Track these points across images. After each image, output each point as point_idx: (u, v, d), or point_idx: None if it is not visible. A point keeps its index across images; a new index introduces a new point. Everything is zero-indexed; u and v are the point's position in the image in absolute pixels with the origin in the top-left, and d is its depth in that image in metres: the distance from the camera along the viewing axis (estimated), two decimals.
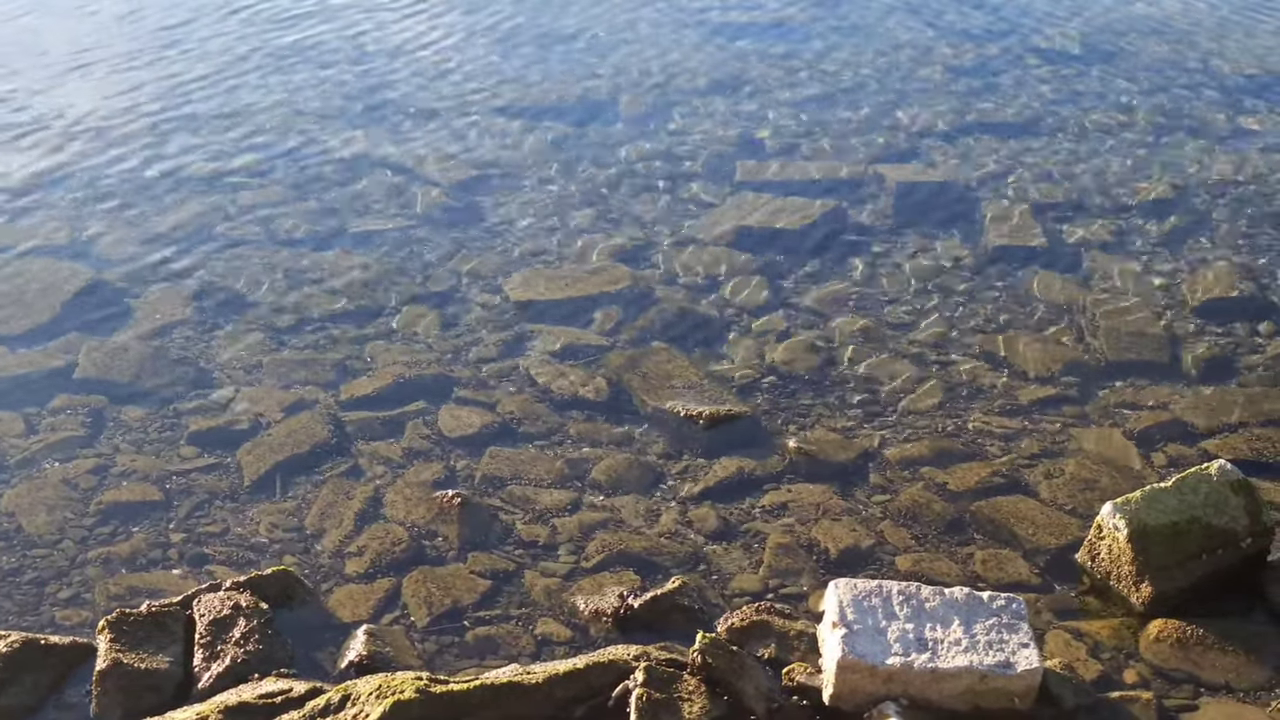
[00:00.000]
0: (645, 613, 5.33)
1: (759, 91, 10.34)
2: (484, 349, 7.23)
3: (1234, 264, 7.99)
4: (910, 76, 10.56)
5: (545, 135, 9.65)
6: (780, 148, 9.50)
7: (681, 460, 6.39)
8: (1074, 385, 6.93)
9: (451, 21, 11.66)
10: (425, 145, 9.48)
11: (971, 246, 8.27)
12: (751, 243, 8.30)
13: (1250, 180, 8.96)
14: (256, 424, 6.59)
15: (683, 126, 9.80)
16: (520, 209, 8.69)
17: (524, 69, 10.72)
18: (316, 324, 7.44)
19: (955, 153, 9.39)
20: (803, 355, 7.19)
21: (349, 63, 10.83)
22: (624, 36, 11.33)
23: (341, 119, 9.87)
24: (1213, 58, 10.77)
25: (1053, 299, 7.71)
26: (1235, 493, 5.41)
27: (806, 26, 11.51)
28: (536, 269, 8.00)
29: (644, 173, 9.16)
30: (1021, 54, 10.93)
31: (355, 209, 8.66)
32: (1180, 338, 7.32)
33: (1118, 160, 9.25)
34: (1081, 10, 11.78)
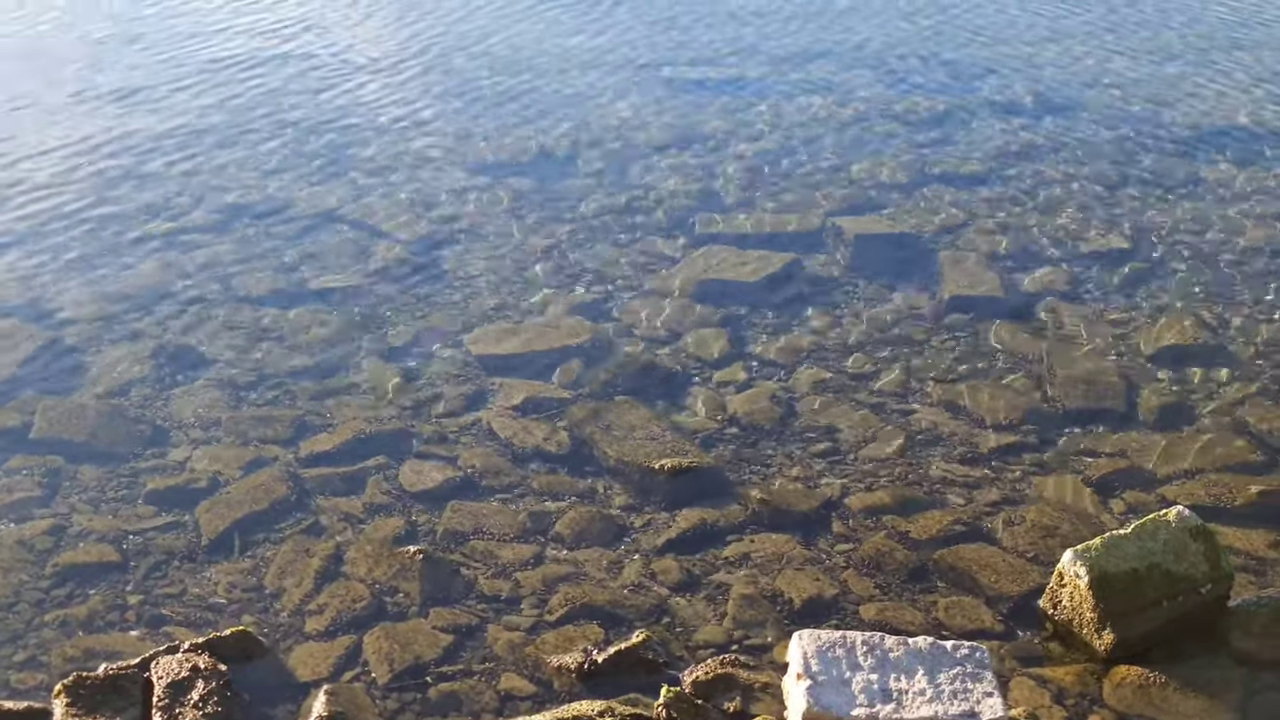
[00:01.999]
0: (610, 667, 5.30)
1: (717, 145, 10.41)
2: (445, 403, 7.21)
3: (1188, 312, 8.08)
4: (867, 130, 10.66)
5: (504, 190, 9.68)
6: (739, 200, 9.57)
7: (644, 512, 6.38)
8: (1033, 433, 6.98)
9: (411, 79, 11.71)
10: (385, 201, 9.49)
11: (929, 296, 8.33)
12: (712, 295, 8.33)
13: (1203, 229, 9.08)
14: (215, 482, 6.54)
15: (642, 180, 9.85)
16: (480, 263, 8.70)
17: (483, 125, 10.76)
18: (276, 380, 7.41)
19: (912, 204, 9.48)
20: (764, 406, 7.21)
21: (309, 119, 10.84)
22: (582, 92, 11.40)
23: (301, 175, 9.87)
24: (1163, 109, 10.94)
25: (1010, 348, 7.77)
26: (1194, 539, 5.44)
27: (763, 81, 11.62)
28: (497, 323, 8.00)
29: (604, 226, 9.19)
30: (976, 107, 11.06)
31: (315, 265, 8.65)
32: (1137, 385, 7.38)
33: (1072, 210, 9.35)
34: (1033, 64, 11.94)
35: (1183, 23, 12.89)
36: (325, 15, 13.34)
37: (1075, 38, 12.55)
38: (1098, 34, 12.65)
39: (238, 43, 12.56)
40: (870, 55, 12.14)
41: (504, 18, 13.25)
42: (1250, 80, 11.46)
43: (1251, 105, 10.96)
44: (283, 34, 12.81)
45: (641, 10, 13.41)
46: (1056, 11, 13.23)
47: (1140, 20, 12.97)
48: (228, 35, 12.76)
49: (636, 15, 13.28)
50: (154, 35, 12.72)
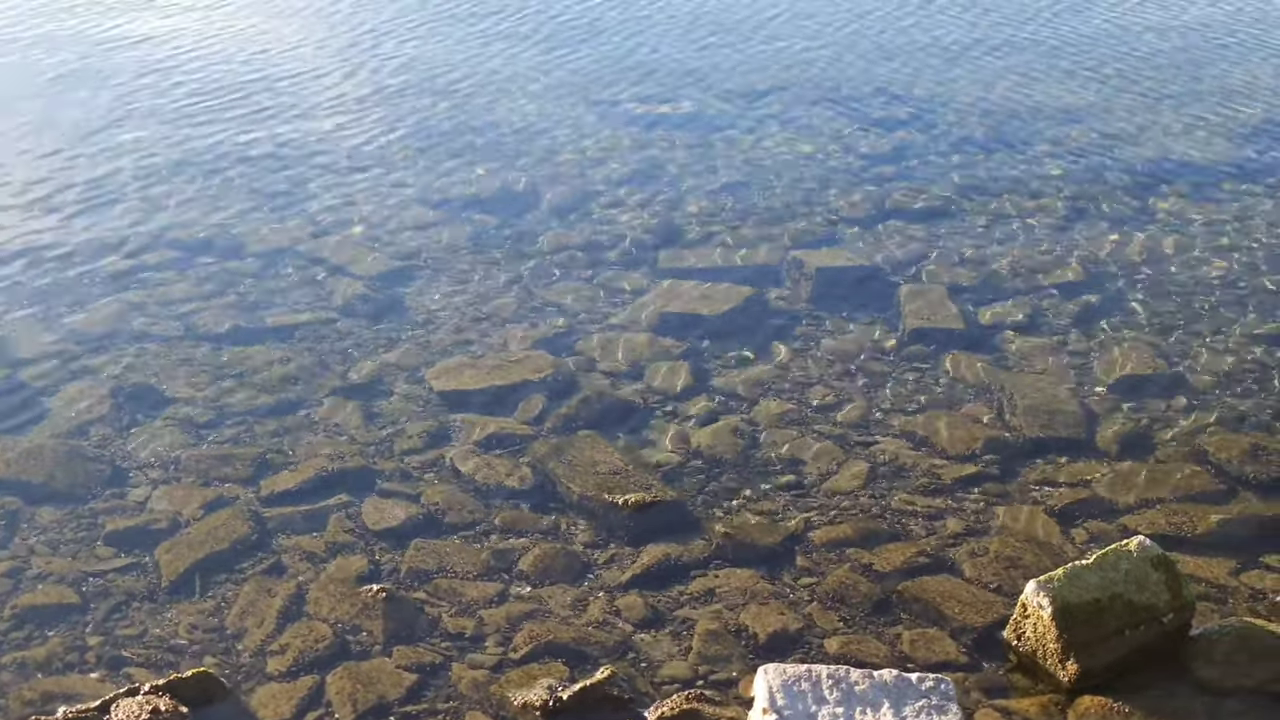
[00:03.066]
0: (575, 704, 5.27)
1: (678, 180, 10.45)
2: (407, 440, 7.18)
3: (1145, 342, 8.16)
4: (827, 164, 10.73)
5: (466, 226, 9.68)
6: (701, 235, 9.60)
7: (608, 548, 6.36)
8: (995, 464, 7.01)
9: (372, 115, 11.71)
10: (345, 237, 9.48)
11: (890, 329, 8.38)
12: (674, 329, 8.35)
13: (1158, 260, 9.18)
14: (175, 522, 6.48)
15: (604, 215, 9.88)
16: (442, 299, 8.69)
17: (444, 161, 10.77)
18: (236, 419, 7.36)
19: (872, 237, 9.54)
20: (727, 439, 7.21)
21: (268, 155, 10.82)
22: (544, 128, 11.43)
23: (260, 211, 9.84)
24: (1118, 144, 11.07)
25: (971, 379, 7.81)
26: (1155, 568, 5.47)
27: (724, 116, 11.69)
28: (459, 359, 7.99)
29: (566, 261, 9.20)
30: (934, 141, 11.16)
31: (275, 302, 8.61)
32: (1096, 415, 7.44)
33: (1030, 243, 9.44)
34: (989, 99, 12.06)
35: (1138, 60, 13.06)
36: (282, 51, 13.33)
37: (1032, 74, 12.69)
38: (1054, 70, 12.80)
39: (194, 79, 12.54)
40: (829, 91, 12.24)
41: (465, 53, 13.28)
42: (1204, 115, 11.61)
43: (1205, 140, 11.10)
44: (240, 70, 12.79)
45: (603, 47, 13.48)
46: (1012, 49, 13.38)
47: (1095, 57, 13.14)
48: (184, 71, 12.73)
49: (598, 52, 13.35)
50: (109, 72, 12.68)
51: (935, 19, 14.18)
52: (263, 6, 14.73)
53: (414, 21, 14.23)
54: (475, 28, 14.02)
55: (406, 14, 14.47)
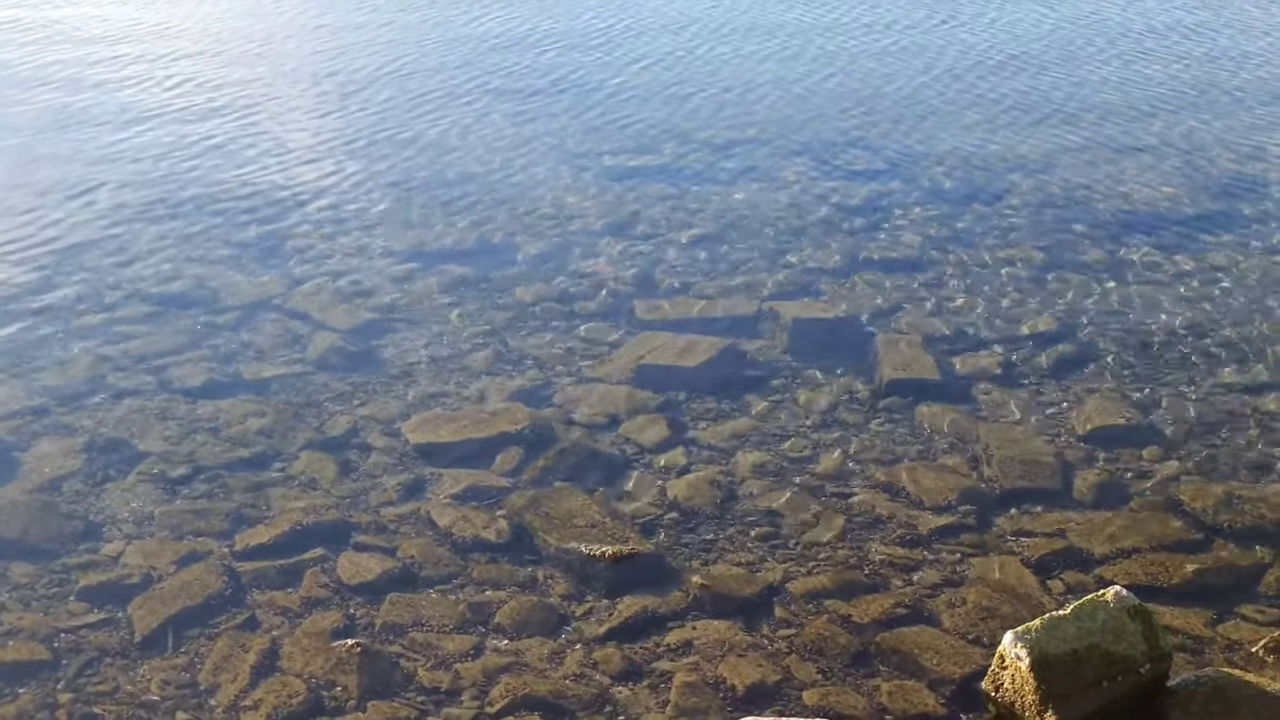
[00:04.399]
0: None
1: (654, 231, 10.50)
2: (383, 493, 7.15)
3: (1119, 392, 8.20)
4: (802, 215, 10.80)
5: (442, 278, 9.69)
6: (677, 286, 9.63)
7: (585, 601, 6.33)
8: (971, 514, 7.02)
9: (347, 166, 11.74)
10: (321, 290, 9.47)
11: (866, 380, 8.40)
12: (651, 380, 8.35)
13: (1130, 310, 9.24)
14: (148, 577, 6.43)
15: (580, 267, 9.90)
16: (418, 352, 8.69)
17: (421, 212, 10.79)
18: (210, 473, 7.33)
19: (847, 288, 9.59)
20: (704, 491, 7.21)
21: (243, 207, 10.83)
22: (520, 179, 11.48)
23: (236, 264, 9.84)
24: (1091, 194, 11.17)
25: (946, 430, 7.84)
26: (1132, 619, 5.48)
27: (699, 169, 11.76)
28: (435, 411, 7.97)
29: (542, 313, 9.22)
30: (909, 192, 11.24)
31: (250, 355, 8.59)
32: (1072, 465, 7.46)
33: (1003, 294, 9.50)
34: (963, 149, 12.17)
35: (1109, 113, 13.20)
36: (257, 103, 13.37)
37: (1004, 126, 12.81)
38: (1026, 122, 12.93)
39: (167, 129, 12.56)
40: (804, 143, 12.33)
41: (441, 105, 13.34)
42: (1175, 168, 11.74)
43: (1175, 191, 11.21)
44: (215, 120, 12.81)
45: (579, 100, 13.56)
46: (984, 102, 13.52)
47: (1066, 110, 13.28)
48: (156, 120, 12.75)
49: (574, 104, 13.43)
50: (82, 120, 12.69)
51: (907, 73, 14.32)
52: (235, 58, 14.78)
53: (391, 73, 14.31)
54: (451, 80, 14.10)
55: (383, 66, 14.55)
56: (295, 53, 15.01)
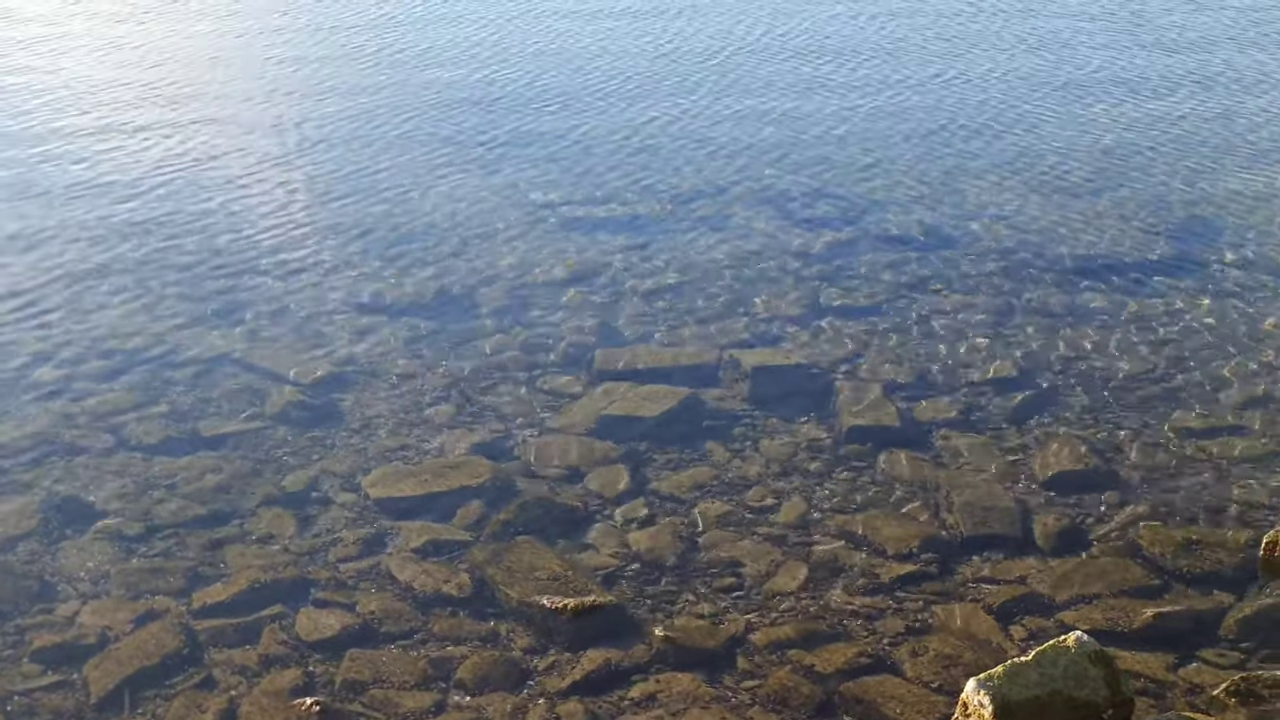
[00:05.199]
0: None
1: (615, 282, 10.51)
2: (343, 548, 7.10)
3: (1078, 437, 8.24)
4: (762, 264, 10.84)
5: (402, 331, 9.67)
6: (638, 336, 9.64)
7: (548, 655, 6.29)
8: (933, 562, 7.03)
9: (306, 220, 11.72)
10: (280, 344, 9.43)
11: (827, 428, 8.42)
12: (612, 431, 8.34)
13: (1088, 355, 9.30)
14: (104, 638, 6.35)
15: (541, 318, 9.90)
16: (378, 405, 8.65)
17: (381, 265, 10.78)
18: (168, 530, 7.26)
19: (808, 336, 9.62)
20: (666, 542, 7.19)
21: (201, 262, 10.78)
22: (481, 231, 11.48)
23: (194, 319, 9.79)
24: (1047, 241, 11.26)
25: (908, 477, 7.85)
26: (1094, 664, 5.49)
27: (660, 219, 11.79)
28: (396, 465, 7.94)
29: (503, 365, 9.20)
30: (867, 240, 11.30)
31: (208, 411, 8.54)
32: (1032, 510, 7.49)
33: (963, 340, 9.55)
34: (920, 196, 12.25)
35: (1066, 158, 13.33)
36: (213, 153, 13.33)
37: (960, 173, 12.92)
38: (983, 169, 13.03)
39: (122, 182, 12.50)
40: (763, 192, 12.39)
41: (401, 157, 13.34)
42: (1132, 213, 11.86)
43: (1132, 237, 11.32)
44: (168, 174, 12.76)
45: (540, 149, 13.60)
46: (940, 151, 13.63)
47: (1023, 157, 13.40)
48: (111, 174, 12.69)
49: (534, 155, 13.46)
50: (32, 177, 12.62)
51: (866, 122, 14.43)
52: (189, 110, 14.74)
53: (350, 125, 14.31)
54: (412, 132, 14.11)
55: (341, 117, 14.55)
56: (252, 103, 15.01)
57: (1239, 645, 6.33)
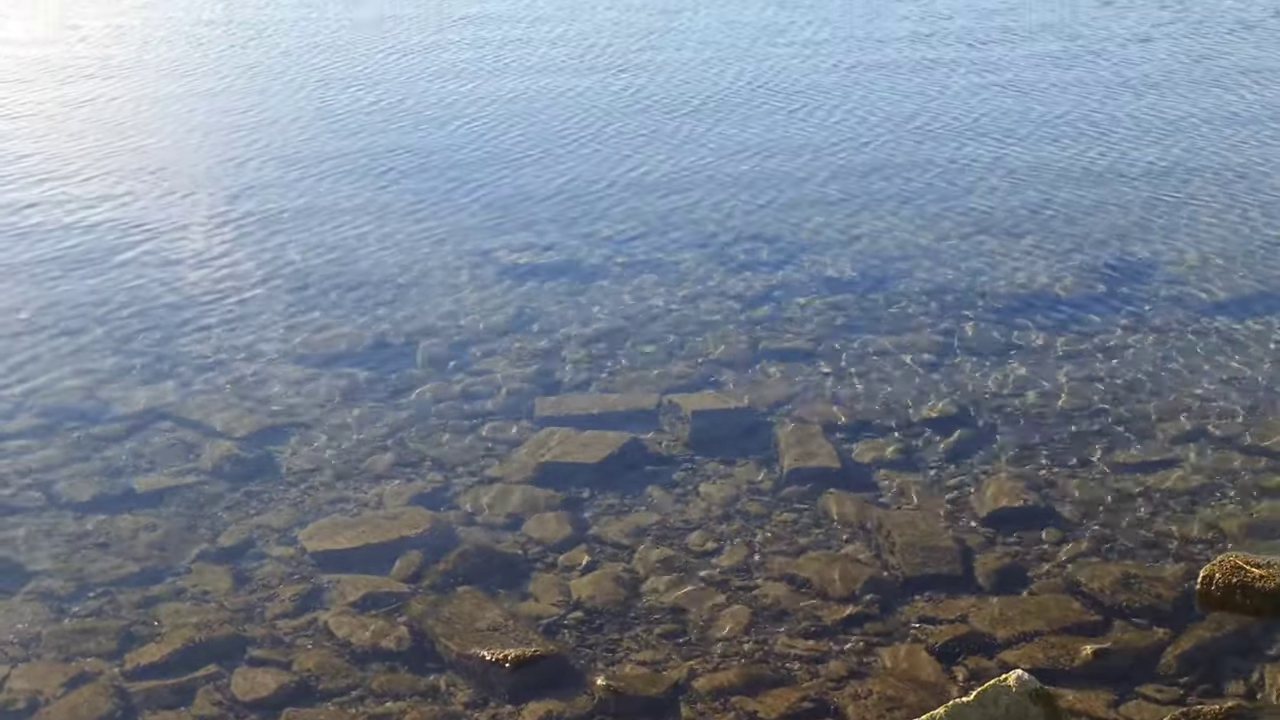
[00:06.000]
0: None
1: (553, 328, 10.49)
2: (279, 604, 7.00)
3: (1017, 475, 8.28)
4: (700, 307, 10.86)
5: (339, 381, 9.59)
6: (577, 382, 9.62)
7: (489, 708, 6.23)
8: (875, 603, 7.02)
9: (240, 270, 11.61)
10: (215, 397, 9.32)
11: (768, 470, 8.42)
12: (552, 478, 8.30)
13: (1024, 393, 9.38)
14: (34, 702, 6.22)
15: (479, 366, 9.86)
16: (315, 457, 8.56)
17: (316, 315, 10.69)
18: (100, 589, 7.13)
19: (747, 379, 9.63)
20: (607, 588, 7.15)
21: (134, 315, 10.65)
22: (418, 279, 11.43)
23: (126, 373, 9.66)
24: (980, 279, 11.36)
25: (849, 518, 7.86)
26: (1035, 702, 5.48)
27: (598, 263, 11.80)
28: (333, 518, 7.85)
29: (441, 414, 9.14)
30: (804, 281, 11.36)
31: (141, 466, 8.41)
32: (972, 549, 7.51)
33: (901, 381, 9.59)
34: (854, 237, 12.34)
35: (1000, 200, 13.48)
36: (144, 204, 13.20)
37: (897, 216, 13.02)
38: (918, 213, 13.15)
39: (52, 236, 12.35)
40: (700, 235, 12.44)
41: (336, 205, 13.28)
42: (1064, 252, 11.99)
43: (1065, 275, 11.44)
44: (98, 222, 12.62)
45: (475, 196, 13.58)
46: (876, 194, 13.74)
47: (957, 201, 13.54)
48: (38, 223, 12.54)
49: (470, 201, 13.44)
50: None
51: (797, 166, 14.54)
52: (119, 159, 14.61)
53: (284, 174, 14.23)
54: (346, 180, 14.05)
55: (275, 166, 14.47)
56: (185, 159, 14.90)
57: (1178, 680, 6.36)
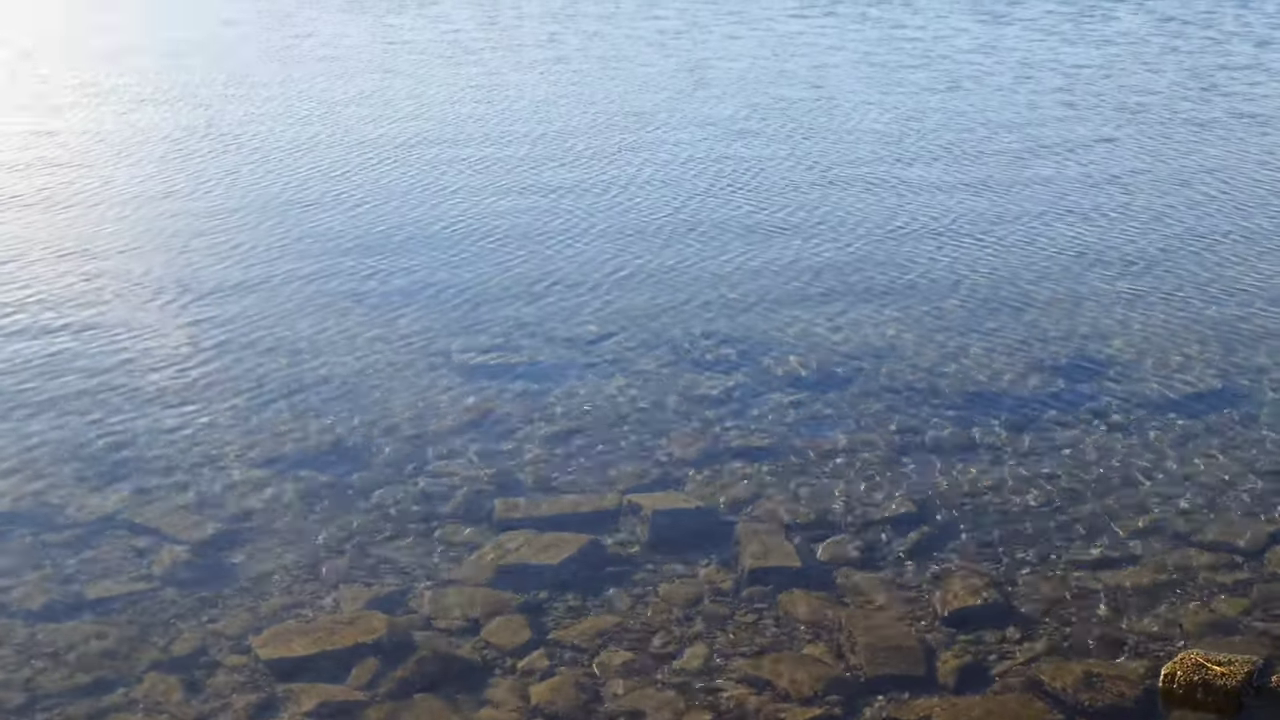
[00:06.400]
0: None
1: (513, 429, 10.47)
2: (232, 715, 6.87)
3: (976, 572, 8.28)
4: (660, 407, 10.87)
5: (296, 484, 9.51)
6: (537, 483, 9.58)
7: None
8: (838, 704, 6.96)
9: (195, 371, 11.52)
10: (168, 502, 9.21)
11: (729, 570, 8.38)
12: (512, 581, 8.23)
13: (982, 490, 9.40)
14: None
15: (438, 468, 9.80)
16: (270, 562, 8.45)
17: (272, 417, 10.62)
18: (50, 701, 6.98)
19: (707, 478, 9.62)
20: (568, 694, 7.06)
21: (87, 418, 10.53)
22: (375, 380, 11.39)
23: (79, 479, 9.53)
24: (938, 376, 11.44)
25: (809, 618, 7.81)
26: None
27: (557, 364, 11.81)
28: (289, 624, 7.73)
29: (400, 517, 9.07)
30: (762, 380, 11.40)
31: (94, 573, 8.28)
32: (934, 648, 7.47)
33: (860, 479, 9.60)
34: (810, 334, 12.41)
35: (955, 298, 13.61)
36: (98, 301, 13.13)
37: (852, 315, 13.11)
38: (874, 312, 13.25)
39: (0, 341, 12.26)
40: (659, 335, 12.48)
41: (293, 306, 13.25)
42: (1013, 346, 12.11)
43: (1021, 373, 11.54)
44: (50, 323, 12.54)
45: (433, 296, 13.58)
46: (831, 293, 13.85)
47: (911, 298, 13.66)
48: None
49: (430, 301, 13.44)
50: None
51: (760, 265, 14.65)
52: (75, 256, 14.56)
53: (234, 275, 14.19)
54: (302, 280, 14.03)
55: (224, 264, 14.44)
56: (136, 255, 14.86)
57: None
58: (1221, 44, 27.76)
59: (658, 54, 26.68)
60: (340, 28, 30.27)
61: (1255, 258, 14.66)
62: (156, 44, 26.27)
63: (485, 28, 29.08)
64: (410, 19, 31.16)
